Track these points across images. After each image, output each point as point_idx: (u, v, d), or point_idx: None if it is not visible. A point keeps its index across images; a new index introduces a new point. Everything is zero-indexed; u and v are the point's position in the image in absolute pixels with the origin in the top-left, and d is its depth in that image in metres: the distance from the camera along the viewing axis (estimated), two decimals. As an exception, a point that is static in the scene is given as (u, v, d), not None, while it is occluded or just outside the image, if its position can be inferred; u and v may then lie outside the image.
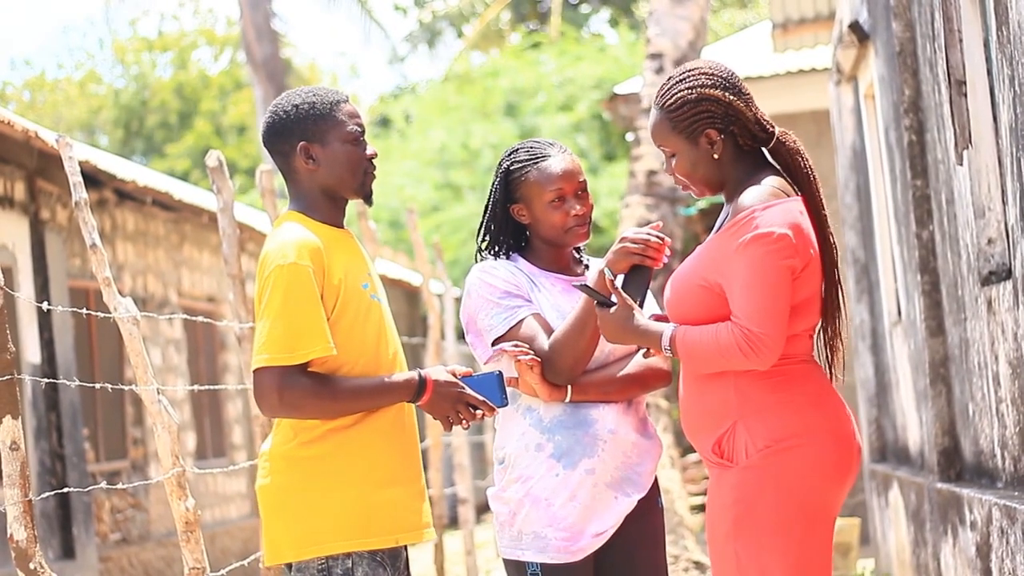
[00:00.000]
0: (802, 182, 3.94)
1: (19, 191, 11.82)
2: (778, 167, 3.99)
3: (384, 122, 35.79)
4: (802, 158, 3.97)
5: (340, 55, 59.56)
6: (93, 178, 12.16)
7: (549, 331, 4.12)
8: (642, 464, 4.20)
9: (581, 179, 4.21)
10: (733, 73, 3.98)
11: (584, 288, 3.97)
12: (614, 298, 3.96)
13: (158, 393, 5.01)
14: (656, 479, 4.29)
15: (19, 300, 11.08)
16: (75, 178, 4.87)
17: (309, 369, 3.91)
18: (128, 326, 4.98)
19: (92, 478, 12.73)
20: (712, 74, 3.93)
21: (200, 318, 6.67)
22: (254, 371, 3.91)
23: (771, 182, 3.90)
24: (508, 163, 4.25)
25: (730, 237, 3.82)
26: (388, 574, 3.98)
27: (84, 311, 5.23)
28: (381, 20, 31.88)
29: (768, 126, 3.97)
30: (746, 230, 3.79)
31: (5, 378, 4.33)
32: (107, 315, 5.10)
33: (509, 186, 4.24)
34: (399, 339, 4.17)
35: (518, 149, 4.26)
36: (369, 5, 31.14)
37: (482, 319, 4.17)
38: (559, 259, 4.28)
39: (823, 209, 3.93)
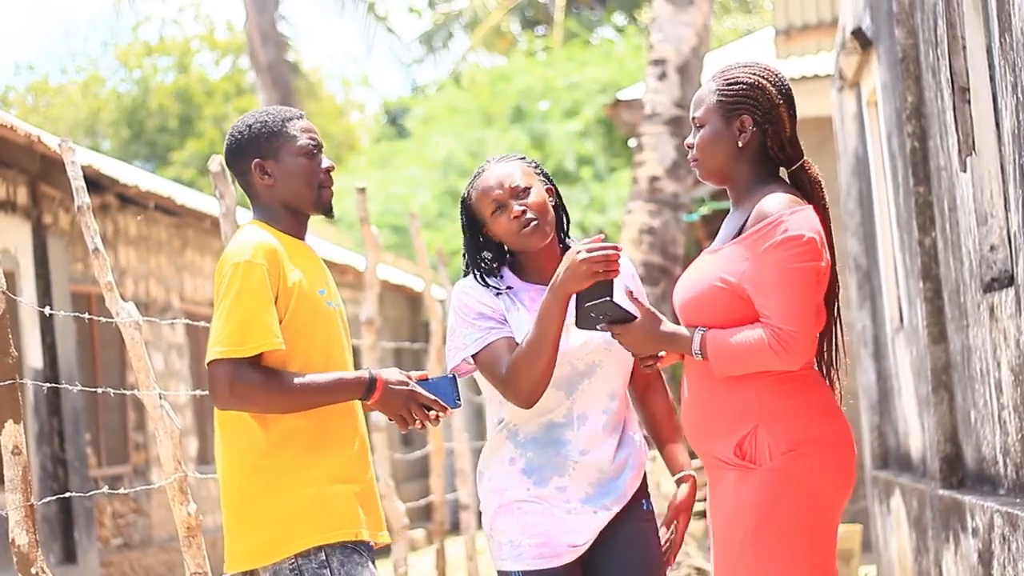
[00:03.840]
0: (819, 212, 3.98)
1: (21, 195, 11.83)
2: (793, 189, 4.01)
3: (392, 123, 35.75)
4: (822, 189, 4.01)
5: (349, 61, 59.57)
6: (96, 183, 12.17)
7: None
8: (620, 477, 4.20)
9: (513, 183, 4.17)
10: (791, 89, 4.02)
11: (599, 319, 3.93)
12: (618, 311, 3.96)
13: (160, 398, 5.01)
14: (644, 483, 4.27)
15: (21, 305, 11.08)
16: (78, 183, 4.87)
17: (262, 364, 3.99)
18: (130, 331, 4.98)
19: (94, 483, 12.73)
20: (776, 75, 4.00)
21: (202, 323, 6.68)
22: (208, 364, 3.99)
23: (786, 191, 3.94)
24: (463, 191, 4.28)
25: (756, 241, 3.86)
26: (363, 559, 4.03)
27: (86, 316, 5.24)
28: (391, 23, 31.90)
29: (798, 149, 4.00)
30: (774, 234, 3.83)
31: (7, 383, 4.33)
32: (109, 320, 5.11)
33: (468, 211, 4.26)
34: (351, 349, 4.25)
35: (473, 173, 4.29)
36: (377, 9, 31.16)
37: (456, 336, 4.21)
38: (542, 267, 4.25)
39: (831, 232, 3.97)
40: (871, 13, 8.61)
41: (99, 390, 5.53)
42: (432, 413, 4.10)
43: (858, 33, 8.87)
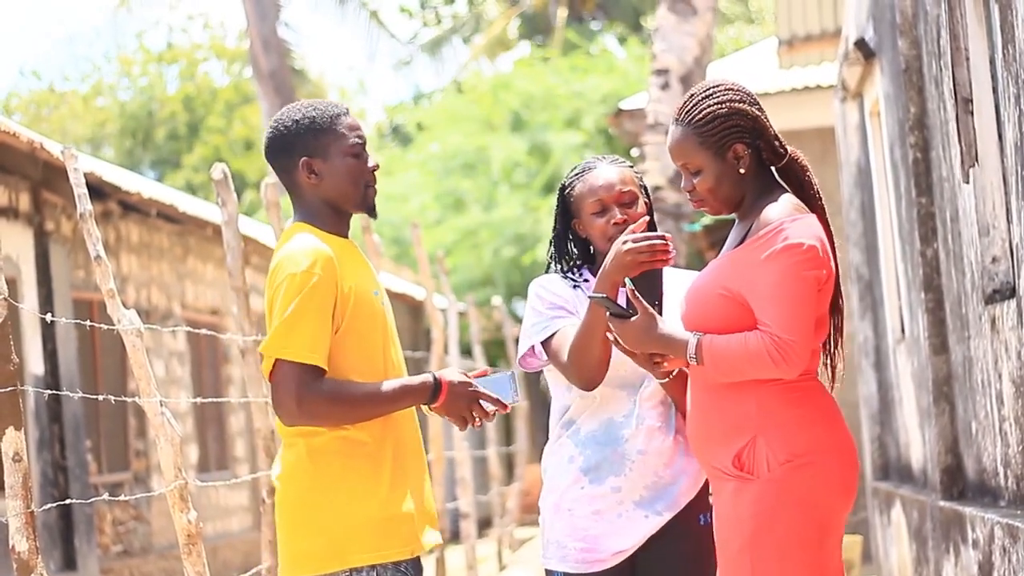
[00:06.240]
0: (811, 200, 3.98)
1: (24, 202, 11.83)
2: (786, 186, 4.01)
3: (394, 132, 35.76)
4: (812, 176, 4.01)
5: (349, 69, 59.54)
6: (98, 190, 12.17)
7: None
8: (676, 483, 4.20)
9: (624, 189, 4.22)
10: (752, 92, 4.01)
11: (600, 300, 3.95)
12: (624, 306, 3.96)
13: (161, 405, 5.01)
14: (702, 497, 4.26)
15: (23, 311, 11.08)
16: (80, 190, 4.87)
17: (325, 376, 3.90)
18: (132, 338, 4.98)
19: (94, 490, 12.73)
20: (737, 90, 3.97)
21: (204, 331, 6.67)
22: (274, 364, 3.87)
23: (790, 199, 3.93)
24: (564, 180, 4.33)
25: (757, 249, 3.84)
26: None
27: (88, 323, 5.22)
28: (390, 28, 31.95)
29: (783, 144, 4.00)
30: (774, 242, 3.81)
31: (8, 389, 4.33)
32: (111, 327, 5.09)
33: (565, 202, 4.31)
34: (400, 345, 4.19)
35: (575, 167, 4.33)
36: (379, 15, 31.21)
37: (526, 325, 4.26)
38: None
39: (829, 227, 3.96)
40: (874, 24, 8.61)
41: (100, 397, 5.52)
42: (491, 410, 4.03)
43: (861, 44, 8.88)
